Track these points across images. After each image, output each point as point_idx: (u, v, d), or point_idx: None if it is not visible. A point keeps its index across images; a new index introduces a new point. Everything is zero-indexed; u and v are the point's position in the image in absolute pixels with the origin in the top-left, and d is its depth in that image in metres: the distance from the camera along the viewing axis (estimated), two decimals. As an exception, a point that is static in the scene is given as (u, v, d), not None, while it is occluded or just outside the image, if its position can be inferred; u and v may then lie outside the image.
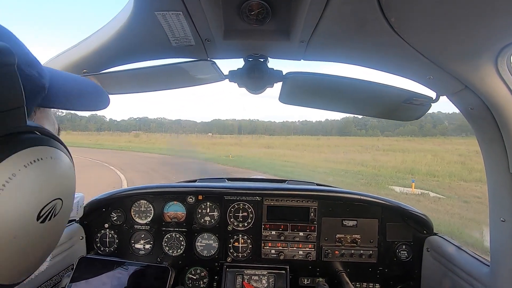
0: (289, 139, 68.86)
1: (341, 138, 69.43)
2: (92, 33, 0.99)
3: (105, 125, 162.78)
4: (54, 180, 0.42)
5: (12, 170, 0.35)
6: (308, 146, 41.34)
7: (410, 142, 46.94)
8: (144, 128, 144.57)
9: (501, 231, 1.06)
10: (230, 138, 75.57)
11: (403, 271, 1.68)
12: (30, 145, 0.37)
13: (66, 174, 0.44)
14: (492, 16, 0.66)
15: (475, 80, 0.92)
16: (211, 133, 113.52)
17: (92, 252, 1.72)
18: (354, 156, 28.04)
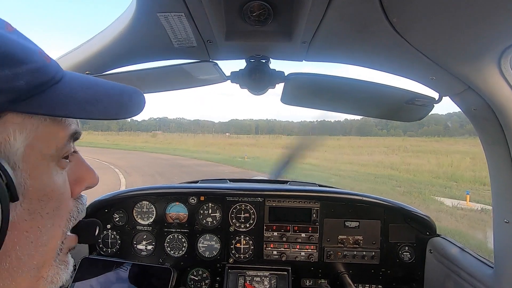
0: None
1: (362, 138, 64.69)
2: (94, 34, 1.00)
3: (127, 125, 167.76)
4: None
5: None
6: (329, 147, 37.52)
7: (439, 143, 43.92)
8: (163, 128, 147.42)
9: (505, 232, 1.05)
10: (247, 138, 73.10)
11: (406, 273, 1.67)
12: None
13: None
14: (495, 16, 0.65)
15: (478, 80, 0.91)
16: (229, 133, 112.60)
17: (94, 253, 1.73)
18: (380, 158, 25.50)
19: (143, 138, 64.51)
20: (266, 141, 61.46)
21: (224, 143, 50.41)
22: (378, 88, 1.14)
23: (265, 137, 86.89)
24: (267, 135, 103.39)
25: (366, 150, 33.61)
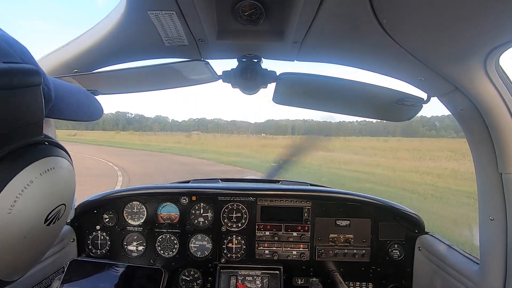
0: (349, 140, 57.89)
1: (414, 139, 56.23)
2: (83, 32, 0.98)
3: (168, 125, 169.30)
4: (62, 187, 0.46)
5: (30, 177, 0.38)
6: (377, 150, 32.39)
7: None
8: (202, 129, 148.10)
9: (490, 229, 1.08)
10: (283, 139, 67.53)
11: (396, 270, 1.70)
12: (45, 155, 0.40)
13: (70, 182, 0.48)
14: (481, 18, 0.67)
15: (465, 81, 0.94)
16: (264, 133, 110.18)
17: (84, 255, 1.70)
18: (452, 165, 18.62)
19: (177, 138, 60.47)
20: None
21: (258, 144, 44.60)
22: (369, 88, 1.16)
23: (302, 138, 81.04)
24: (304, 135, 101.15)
25: (426, 154, 26.27)
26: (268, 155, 27.01)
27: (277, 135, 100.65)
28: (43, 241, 0.45)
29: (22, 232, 0.39)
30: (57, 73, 1.03)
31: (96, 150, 27.42)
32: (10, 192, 0.35)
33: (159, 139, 56.74)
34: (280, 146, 39.17)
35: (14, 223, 0.38)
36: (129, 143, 42.92)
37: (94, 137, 65.87)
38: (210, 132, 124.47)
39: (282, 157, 3.65)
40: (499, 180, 1.02)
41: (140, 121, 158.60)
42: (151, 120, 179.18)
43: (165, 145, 39.29)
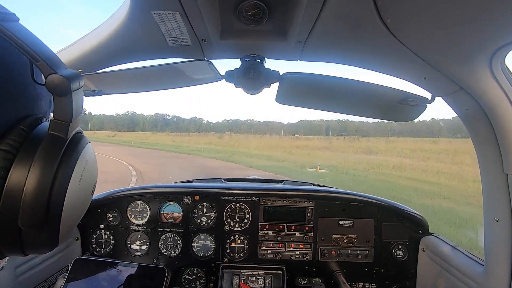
0: (392, 141, 53.73)
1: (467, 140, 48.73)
2: (88, 32, 0.99)
3: (203, 126, 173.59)
4: (96, 167, 0.54)
5: (87, 158, 0.47)
6: (429, 152, 28.13)
7: None
8: (235, 130, 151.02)
9: (495, 230, 1.07)
10: (317, 140, 62.79)
11: (399, 271, 1.69)
12: (87, 142, 0.48)
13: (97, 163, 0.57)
14: (486, 18, 0.66)
15: (470, 81, 0.93)
16: (298, 134, 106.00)
17: (88, 253, 1.71)
18: None
19: (208, 139, 58.62)
20: (340, 144, 48.77)
21: (291, 145, 40.52)
22: (372, 88, 1.15)
23: (338, 139, 73.61)
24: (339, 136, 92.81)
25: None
26: (302, 158, 24.27)
27: (311, 135, 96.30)
28: (85, 210, 0.53)
29: (82, 200, 0.48)
30: None
31: (125, 152, 26.70)
32: (79, 167, 0.44)
33: (192, 140, 56.52)
34: (315, 147, 37.71)
35: (81, 192, 0.46)
36: (162, 144, 42.16)
37: (131, 137, 65.82)
38: (243, 133, 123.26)
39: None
40: (505, 181, 1.01)
41: (177, 122, 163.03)
42: (187, 121, 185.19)
43: (196, 146, 37.82)
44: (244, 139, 63.54)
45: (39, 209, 0.37)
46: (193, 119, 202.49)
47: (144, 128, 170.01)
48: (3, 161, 0.36)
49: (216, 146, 39.47)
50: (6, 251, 0.40)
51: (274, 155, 26.48)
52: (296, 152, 30.11)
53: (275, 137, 79.64)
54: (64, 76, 0.40)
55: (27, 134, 0.39)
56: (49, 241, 0.42)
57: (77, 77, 0.43)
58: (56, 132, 0.40)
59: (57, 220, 0.40)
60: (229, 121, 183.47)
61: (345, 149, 36.48)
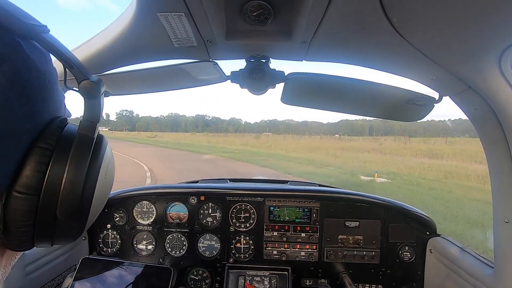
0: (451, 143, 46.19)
1: None
2: (94, 34, 1.00)
3: (241, 127, 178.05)
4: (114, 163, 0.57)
5: (109, 153, 0.51)
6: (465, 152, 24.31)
7: None
8: (272, 130, 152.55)
9: (505, 232, 1.05)
10: (363, 141, 57.99)
11: (406, 273, 1.67)
12: (107, 141, 0.51)
13: None
14: (496, 16, 0.65)
15: (479, 80, 0.91)
16: (338, 134, 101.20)
17: (95, 253, 1.73)
18: None
19: (244, 140, 56.01)
20: (392, 145, 42.28)
21: (334, 147, 35.87)
22: (378, 87, 1.14)
23: (386, 139, 66.00)
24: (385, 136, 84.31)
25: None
26: (350, 162, 20.02)
27: (353, 136, 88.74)
28: (105, 203, 0.56)
29: (106, 193, 0.52)
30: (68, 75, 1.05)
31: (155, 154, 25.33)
32: (105, 163, 0.48)
33: (228, 141, 53.77)
34: (362, 149, 31.52)
35: (105, 186, 0.50)
36: (196, 145, 39.87)
37: (170, 138, 65.17)
38: (280, 133, 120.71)
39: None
40: None
41: (216, 123, 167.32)
42: (226, 122, 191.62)
43: (230, 148, 34.87)
44: (282, 140, 59.48)
45: (75, 200, 0.42)
46: (232, 119, 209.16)
47: (186, 128, 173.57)
48: (43, 157, 0.40)
49: (252, 148, 36.41)
50: (38, 240, 0.43)
51: (316, 159, 22.46)
52: (342, 155, 25.55)
53: (314, 138, 74.58)
54: (94, 81, 0.45)
55: (60, 133, 0.43)
56: (78, 230, 0.46)
57: (103, 83, 0.48)
58: (85, 132, 0.44)
59: (87, 211, 0.45)
60: (267, 121, 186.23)
61: (399, 151, 31.09)
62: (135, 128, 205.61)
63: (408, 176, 14.59)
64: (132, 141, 50.17)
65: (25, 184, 0.39)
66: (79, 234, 0.47)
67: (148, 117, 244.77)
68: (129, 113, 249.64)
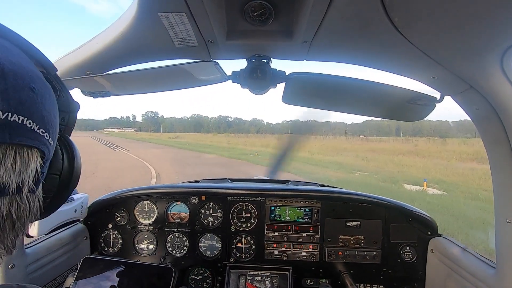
0: None
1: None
2: (96, 34, 1.00)
3: (263, 128, 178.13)
4: None
5: None
6: None
7: None
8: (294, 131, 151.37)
9: (507, 232, 1.05)
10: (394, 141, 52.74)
11: (407, 273, 1.67)
12: None
13: None
14: (497, 15, 0.65)
15: (480, 80, 0.91)
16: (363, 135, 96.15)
17: (96, 252, 1.73)
18: None
19: (266, 141, 52.19)
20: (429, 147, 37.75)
21: (363, 148, 32.04)
22: (380, 87, 1.14)
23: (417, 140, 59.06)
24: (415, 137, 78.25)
25: None
26: (385, 166, 17.50)
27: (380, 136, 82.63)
28: None
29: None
30: (70, 74, 1.06)
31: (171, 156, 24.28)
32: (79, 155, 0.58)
33: (248, 142, 51.84)
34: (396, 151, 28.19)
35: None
36: (215, 147, 38.43)
37: (191, 139, 64.08)
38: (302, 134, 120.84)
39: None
40: None
41: (239, 124, 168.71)
42: (248, 123, 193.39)
43: (250, 149, 32.06)
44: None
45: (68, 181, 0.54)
46: (254, 120, 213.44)
47: (208, 129, 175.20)
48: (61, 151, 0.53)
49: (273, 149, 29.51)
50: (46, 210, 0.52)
51: (345, 162, 19.40)
52: (373, 158, 22.37)
53: (339, 139, 68.95)
54: None
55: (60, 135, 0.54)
56: (58, 203, 0.56)
57: None
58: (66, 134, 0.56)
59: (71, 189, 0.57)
60: (289, 122, 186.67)
61: (439, 154, 27.61)
62: (160, 129, 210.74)
63: (465, 186, 12.07)
64: (153, 142, 49.27)
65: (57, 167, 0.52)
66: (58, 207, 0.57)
67: (172, 118, 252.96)
68: (154, 115, 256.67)
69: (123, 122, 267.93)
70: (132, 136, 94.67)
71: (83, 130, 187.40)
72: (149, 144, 44.45)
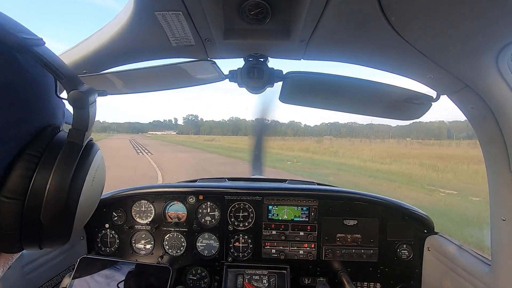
0: None
1: None
2: (92, 33, 0.99)
3: (300, 130, 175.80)
4: (105, 171, 0.59)
5: (98, 162, 0.52)
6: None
7: None
8: (334, 133, 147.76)
9: (502, 230, 1.06)
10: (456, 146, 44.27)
11: (404, 271, 1.68)
12: (98, 149, 0.53)
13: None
14: (493, 15, 0.65)
15: (476, 79, 0.92)
16: (410, 138, 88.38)
17: (93, 252, 1.73)
18: None
19: (305, 145, 47.44)
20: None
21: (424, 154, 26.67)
22: (376, 86, 1.15)
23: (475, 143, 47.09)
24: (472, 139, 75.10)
25: None
26: (468, 178, 14.11)
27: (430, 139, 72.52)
28: (94, 209, 0.57)
29: (93, 199, 0.53)
30: None
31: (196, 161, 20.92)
32: (92, 171, 0.49)
33: (285, 145, 45.99)
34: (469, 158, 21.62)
35: (93, 193, 0.51)
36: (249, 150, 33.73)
37: (226, 142, 61.69)
38: (343, 137, 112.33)
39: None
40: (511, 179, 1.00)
41: (275, 126, 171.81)
42: (285, 125, 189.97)
43: (287, 154, 27.94)
44: (349, 144, 47.79)
45: (59, 206, 0.43)
46: (291, 123, 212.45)
47: (245, 132, 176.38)
48: (29, 163, 0.42)
49: (314, 155, 28.04)
50: (26, 243, 0.44)
51: (413, 174, 14.72)
52: (446, 168, 17.62)
53: (389, 142, 60.96)
54: (83, 91, 0.47)
55: (49, 141, 0.45)
56: (63, 235, 0.47)
57: (93, 92, 0.49)
58: (73, 140, 0.47)
59: (72, 216, 0.46)
60: (328, 124, 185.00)
61: None
62: (199, 132, 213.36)
63: None
64: (185, 145, 46.59)
65: (11, 189, 0.40)
66: (66, 238, 0.48)
67: (211, 121, 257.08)
68: (194, 118, 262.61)
69: (166, 125, 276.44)
70: (171, 138, 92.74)
71: (129, 133, 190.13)
72: (180, 147, 42.05)
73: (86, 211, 0.52)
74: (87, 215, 0.53)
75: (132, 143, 53.92)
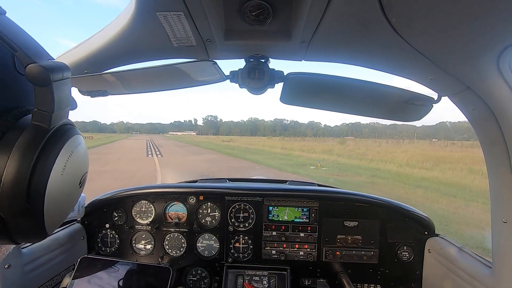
0: None
1: None
2: (94, 33, 1.00)
3: (320, 131, 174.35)
4: (85, 158, 0.54)
5: (71, 149, 0.47)
6: None
7: None
8: (355, 134, 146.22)
9: (503, 232, 1.06)
10: None
11: (404, 272, 1.67)
12: (75, 133, 0.48)
13: (87, 154, 0.57)
14: (494, 16, 0.65)
15: (477, 81, 0.92)
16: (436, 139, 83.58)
17: (93, 252, 1.73)
18: None
19: (327, 146, 43.28)
20: None
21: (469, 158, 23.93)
22: (377, 87, 1.14)
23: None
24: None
25: None
26: None
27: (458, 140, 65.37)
28: (73, 201, 0.53)
29: (67, 191, 0.48)
30: None
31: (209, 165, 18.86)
32: (62, 158, 0.44)
33: (306, 147, 42.62)
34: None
35: (66, 183, 0.46)
36: (267, 152, 32.32)
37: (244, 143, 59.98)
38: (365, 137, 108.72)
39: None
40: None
41: (295, 127, 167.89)
42: (304, 126, 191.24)
43: (310, 157, 25.32)
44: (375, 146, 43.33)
45: (18, 198, 0.38)
46: (311, 123, 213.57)
47: (264, 133, 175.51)
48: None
49: (339, 158, 24.76)
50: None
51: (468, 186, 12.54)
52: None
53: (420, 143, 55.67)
54: (43, 66, 0.39)
55: (12, 124, 0.39)
56: (35, 230, 0.42)
57: (60, 68, 0.42)
58: (38, 122, 0.40)
59: (39, 209, 0.41)
60: (349, 124, 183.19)
61: None
62: (218, 132, 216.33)
63: None
64: (202, 147, 44.47)
65: None
66: (41, 234, 0.43)
67: (230, 122, 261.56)
68: (214, 118, 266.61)
69: (186, 125, 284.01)
70: (189, 139, 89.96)
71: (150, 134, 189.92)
72: (195, 148, 40.52)
73: (62, 203, 0.46)
74: (64, 207, 0.48)
75: (148, 143, 53.47)
